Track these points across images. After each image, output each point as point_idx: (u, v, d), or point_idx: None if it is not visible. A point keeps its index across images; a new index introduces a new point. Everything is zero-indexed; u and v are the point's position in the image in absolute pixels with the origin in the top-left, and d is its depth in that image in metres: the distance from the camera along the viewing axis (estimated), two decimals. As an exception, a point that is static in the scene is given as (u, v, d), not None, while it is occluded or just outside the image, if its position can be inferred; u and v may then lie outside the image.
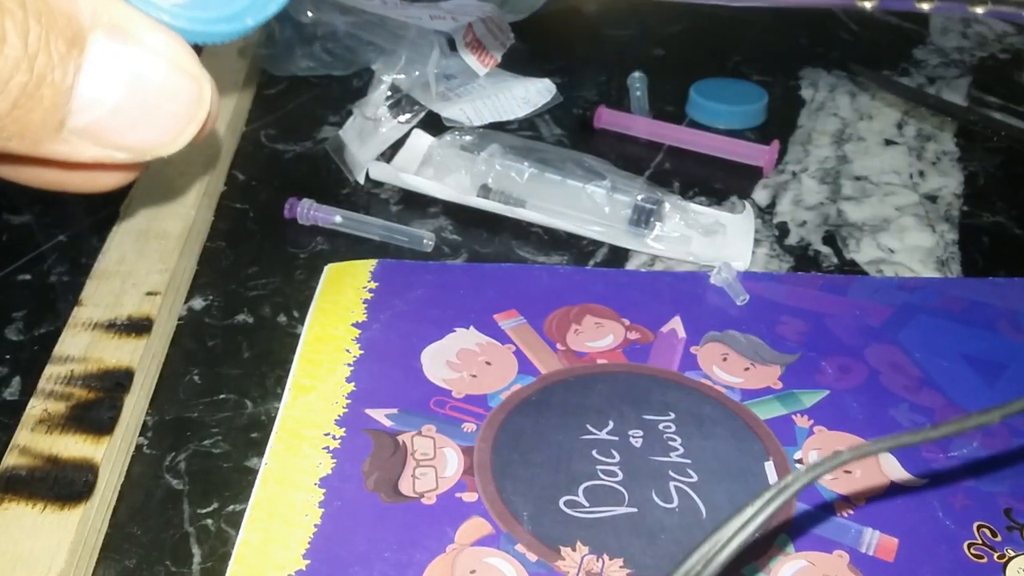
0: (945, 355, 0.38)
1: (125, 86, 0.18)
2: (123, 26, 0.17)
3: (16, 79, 0.16)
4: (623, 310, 0.39)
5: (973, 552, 0.30)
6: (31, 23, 0.16)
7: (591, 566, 0.29)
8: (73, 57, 0.17)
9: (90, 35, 0.17)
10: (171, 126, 0.19)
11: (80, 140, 0.18)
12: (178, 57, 0.18)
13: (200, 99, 0.19)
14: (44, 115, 0.17)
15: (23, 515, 0.28)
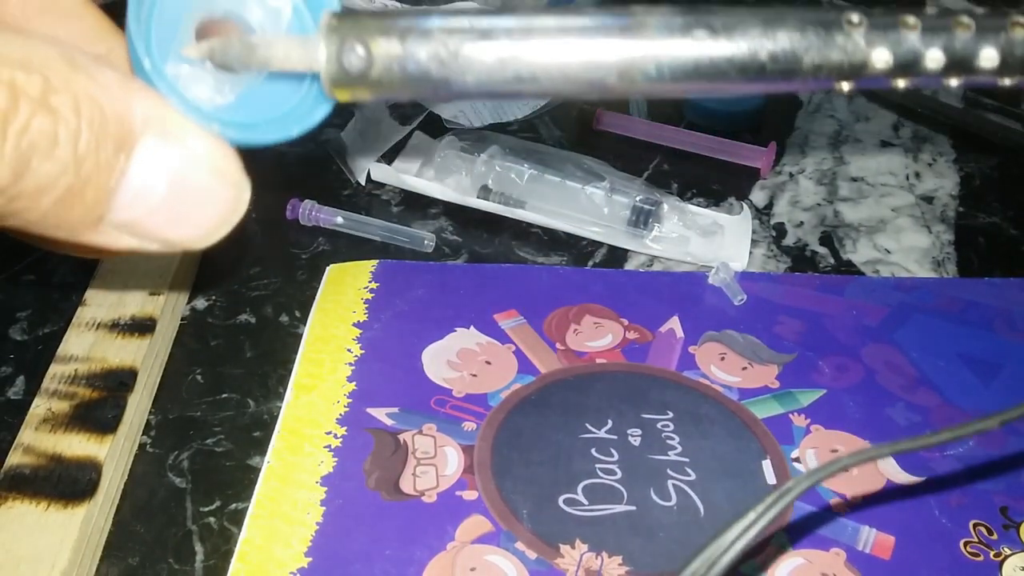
0: (941, 355, 0.38)
1: (166, 188, 0.18)
2: (170, 132, 0.18)
3: (63, 180, 0.17)
4: (622, 310, 0.39)
5: (969, 550, 0.30)
6: (83, 128, 0.17)
7: (590, 564, 0.29)
8: (120, 161, 0.17)
9: (138, 139, 0.18)
10: (207, 226, 0.19)
11: (117, 232, 0.18)
12: (220, 163, 0.19)
13: (237, 203, 0.19)
14: (85, 212, 0.18)
15: (27, 513, 0.29)
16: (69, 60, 0.17)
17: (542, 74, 0.18)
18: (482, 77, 0.18)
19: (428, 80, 0.18)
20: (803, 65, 0.18)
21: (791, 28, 0.18)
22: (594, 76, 0.18)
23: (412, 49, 0.18)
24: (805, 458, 0.33)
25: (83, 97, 0.17)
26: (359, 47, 0.18)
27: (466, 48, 0.18)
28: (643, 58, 0.18)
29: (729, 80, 0.18)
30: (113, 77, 0.17)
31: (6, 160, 0.16)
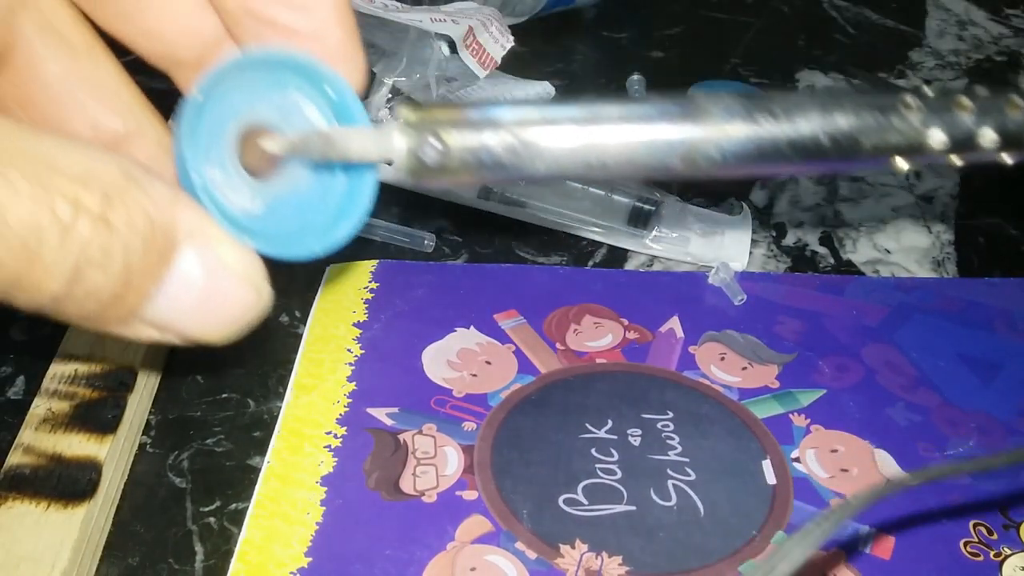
0: (941, 355, 0.38)
1: (196, 295, 0.19)
2: (208, 243, 0.19)
3: (109, 288, 0.17)
4: (622, 310, 0.39)
5: (969, 550, 0.30)
6: (134, 241, 0.17)
7: (590, 564, 0.29)
8: (161, 270, 0.18)
9: (179, 249, 0.19)
10: (227, 328, 0.20)
11: (143, 326, 0.19)
12: (249, 272, 0.20)
13: (258, 308, 0.21)
14: (121, 311, 0.18)
15: (27, 513, 0.29)
16: (126, 173, 0.17)
17: (610, 160, 0.19)
18: (552, 165, 0.19)
19: (501, 168, 0.19)
20: (862, 147, 0.19)
21: (849, 112, 0.19)
22: (659, 161, 0.19)
23: (485, 141, 0.19)
24: (805, 458, 0.33)
25: (136, 211, 0.17)
26: (435, 140, 0.19)
27: (537, 138, 0.19)
28: (705, 142, 0.19)
29: (789, 162, 0.19)
30: (163, 191, 0.18)
31: (63, 273, 0.17)
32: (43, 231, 0.16)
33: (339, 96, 0.21)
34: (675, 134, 0.19)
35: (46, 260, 0.16)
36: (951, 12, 0.69)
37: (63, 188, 0.16)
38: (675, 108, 0.19)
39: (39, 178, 0.16)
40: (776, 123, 0.19)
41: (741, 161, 0.19)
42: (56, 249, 0.16)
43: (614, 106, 0.19)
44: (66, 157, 0.17)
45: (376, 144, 0.19)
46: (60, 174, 0.16)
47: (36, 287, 0.17)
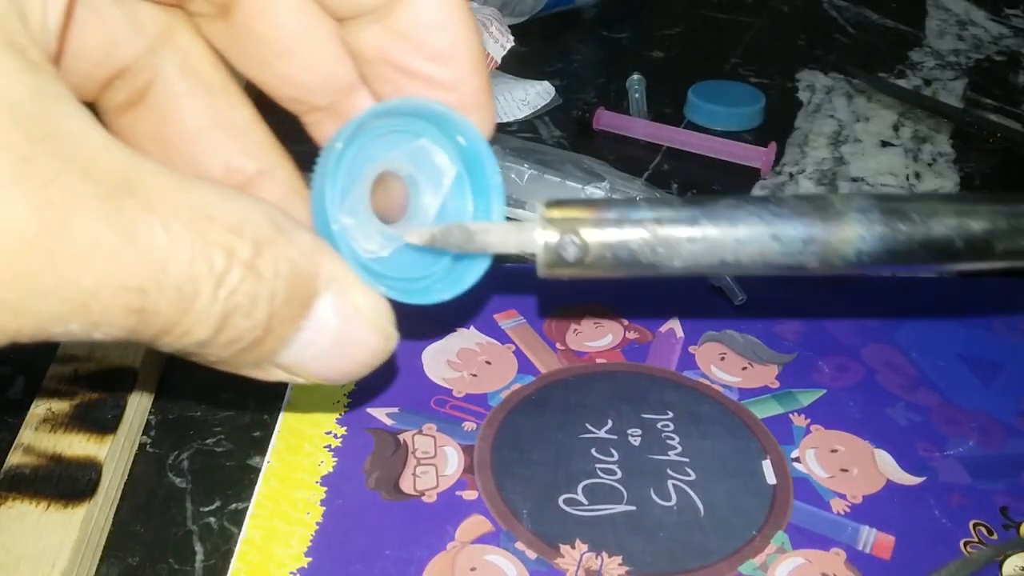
0: (941, 355, 0.38)
1: (330, 340, 0.20)
2: (346, 290, 0.20)
3: (251, 334, 0.18)
4: (622, 310, 0.39)
5: (970, 550, 0.30)
6: (279, 289, 0.18)
7: (590, 564, 0.29)
8: (301, 316, 0.19)
9: (318, 297, 0.19)
10: (354, 371, 0.21)
11: (275, 369, 0.20)
12: (380, 319, 0.21)
13: (385, 353, 0.21)
14: (258, 356, 0.19)
15: (27, 513, 0.29)
16: (274, 222, 0.18)
17: (746, 259, 0.19)
18: (689, 262, 0.19)
19: (637, 265, 0.19)
20: (995, 250, 0.19)
21: (983, 218, 0.19)
22: (795, 262, 0.19)
23: (624, 238, 0.19)
24: (805, 458, 0.33)
25: (283, 260, 0.18)
26: (575, 238, 0.19)
27: (674, 237, 0.19)
28: (843, 243, 0.19)
29: (923, 262, 0.19)
30: (307, 240, 0.19)
31: (212, 320, 0.17)
32: (199, 280, 0.16)
33: (470, 143, 0.22)
34: (811, 236, 0.19)
35: (199, 308, 0.17)
36: (951, 12, 0.69)
37: (219, 238, 0.17)
38: (812, 211, 0.19)
39: (198, 228, 0.16)
40: (912, 227, 0.19)
41: (876, 262, 0.19)
42: (209, 297, 0.17)
43: (752, 205, 0.19)
44: (222, 205, 0.17)
45: (516, 239, 0.20)
46: (217, 223, 0.17)
47: (186, 333, 0.17)
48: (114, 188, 0.16)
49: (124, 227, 0.15)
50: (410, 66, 0.22)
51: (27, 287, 0.15)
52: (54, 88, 0.16)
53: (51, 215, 0.15)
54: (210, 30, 0.23)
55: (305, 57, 0.23)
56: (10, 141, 0.15)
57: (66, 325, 0.16)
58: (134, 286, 0.16)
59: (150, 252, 0.16)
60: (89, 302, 0.15)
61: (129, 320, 0.16)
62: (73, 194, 0.15)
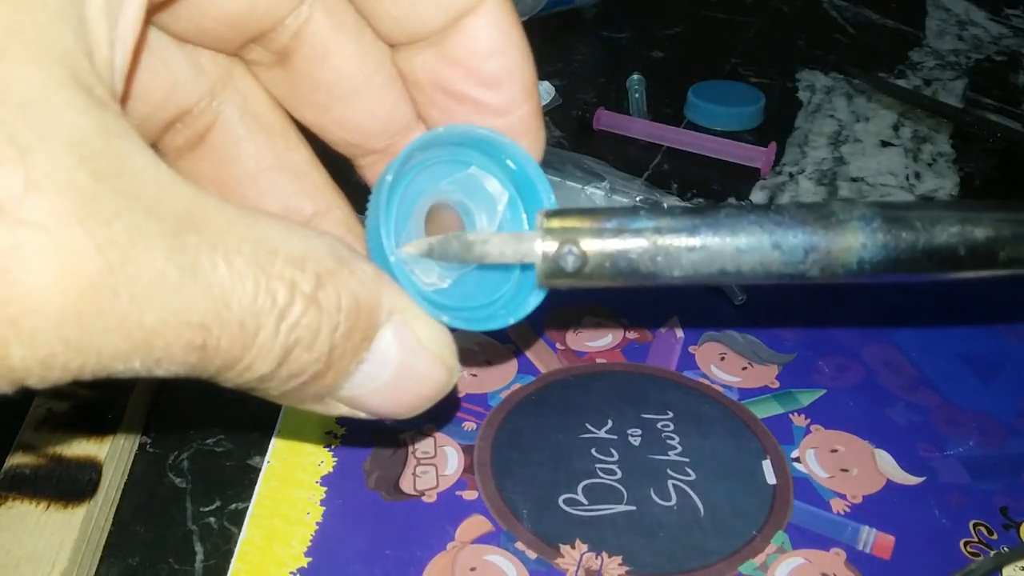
0: (941, 355, 0.38)
1: (393, 373, 0.19)
2: (407, 322, 0.19)
3: (313, 368, 0.18)
4: (622, 310, 0.39)
5: (969, 550, 0.30)
6: (341, 321, 0.18)
7: (590, 564, 0.29)
8: (363, 349, 0.19)
9: (380, 330, 0.19)
10: (416, 405, 0.21)
11: (336, 404, 0.20)
12: (442, 351, 0.20)
13: (447, 386, 0.21)
14: (319, 390, 0.19)
15: (27, 513, 0.29)
16: (336, 255, 0.18)
17: (746, 269, 0.19)
18: (688, 272, 0.19)
19: (636, 275, 0.19)
20: (998, 259, 0.19)
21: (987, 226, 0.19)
22: (796, 271, 0.19)
23: (624, 248, 0.19)
24: (805, 458, 0.33)
25: (344, 292, 0.18)
26: (574, 248, 0.19)
27: (674, 246, 0.19)
28: (845, 252, 0.19)
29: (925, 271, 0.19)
30: (369, 272, 0.19)
31: (274, 354, 0.17)
32: (262, 315, 0.16)
33: (519, 166, 0.22)
34: (812, 245, 0.19)
35: (260, 342, 0.17)
36: (951, 12, 0.69)
37: (281, 272, 0.17)
38: (814, 220, 0.19)
39: (260, 262, 0.16)
40: (915, 234, 0.19)
41: (878, 271, 0.19)
42: (271, 332, 0.17)
43: (753, 215, 0.19)
44: (283, 239, 0.17)
45: (515, 250, 0.20)
46: (279, 257, 0.17)
47: (248, 367, 0.17)
48: (178, 224, 0.16)
49: (187, 264, 0.15)
50: (462, 91, 0.22)
51: (90, 326, 0.15)
52: (119, 126, 0.16)
53: (115, 253, 0.15)
54: (267, 78, 0.23)
55: (364, 101, 0.23)
56: (75, 180, 0.15)
57: (128, 363, 0.16)
58: (196, 323, 0.16)
59: (212, 288, 0.16)
60: (151, 340, 0.15)
61: (191, 357, 0.16)
62: (137, 232, 0.15)
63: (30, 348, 0.14)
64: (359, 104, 0.23)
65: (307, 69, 0.22)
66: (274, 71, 0.23)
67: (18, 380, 0.15)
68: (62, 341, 0.15)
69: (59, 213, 0.14)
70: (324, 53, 0.22)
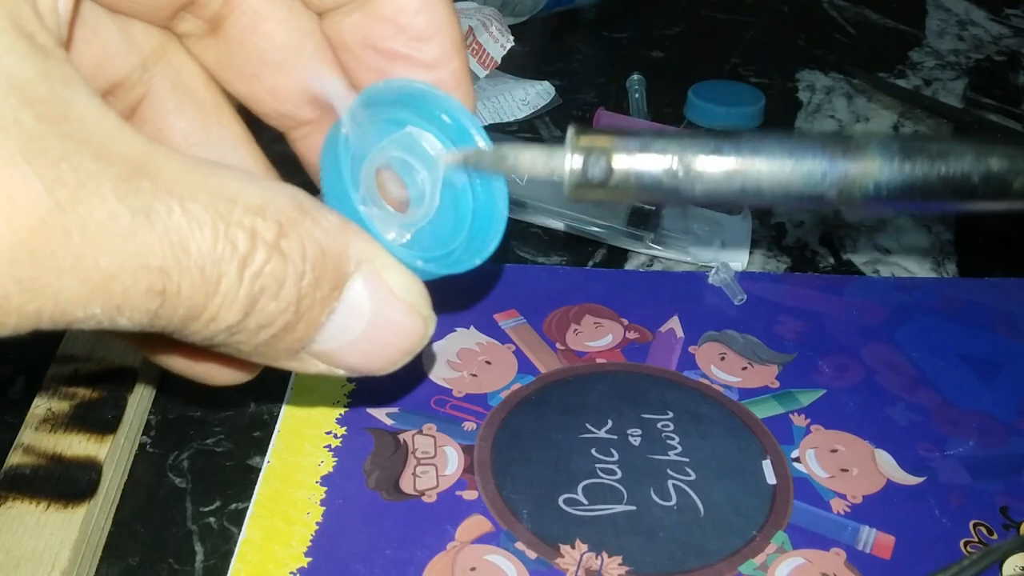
0: (941, 354, 0.38)
1: (366, 324, 0.19)
2: (378, 271, 0.19)
3: (282, 318, 0.18)
4: (622, 310, 0.39)
5: (970, 550, 0.30)
6: (307, 270, 0.17)
7: (590, 563, 0.29)
8: (333, 298, 0.18)
9: (350, 279, 0.19)
10: (393, 359, 0.21)
11: (311, 360, 0.19)
12: (416, 300, 0.20)
13: (424, 337, 0.21)
14: (292, 343, 0.18)
15: (27, 513, 0.29)
16: (298, 204, 0.18)
17: (766, 187, 0.20)
18: (710, 188, 0.20)
19: (659, 189, 0.20)
20: (1012, 188, 0.20)
21: (1002, 156, 0.20)
22: (815, 191, 0.20)
23: (649, 162, 0.20)
24: (805, 458, 0.33)
25: (309, 240, 0.18)
26: (602, 159, 0.20)
27: (698, 163, 0.20)
28: (864, 176, 0.20)
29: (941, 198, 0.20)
30: (334, 220, 0.18)
31: (240, 301, 0.17)
32: (223, 262, 0.16)
33: (453, 119, 0.22)
34: (831, 167, 0.20)
35: (224, 290, 0.16)
36: (951, 12, 0.69)
37: (241, 219, 0.16)
38: (835, 143, 0.20)
39: (219, 210, 0.16)
40: (932, 163, 0.20)
41: (894, 195, 0.20)
42: (234, 279, 0.16)
43: (775, 136, 0.20)
44: (242, 189, 0.17)
45: (545, 162, 0.20)
46: (238, 205, 0.16)
47: (213, 318, 0.17)
48: (129, 170, 0.15)
49: (141, 207, 0.15)
50: (392, 48, 0.22)
51: (44, 266, 0.14)
52: (64, 72, 0.15)
53: (64, 193, 0.14)
54: (199, 49, 0.23)
55: (296, 69, 0.23)
56: (19, 120, 0.14)
57: (88, 308, 0.15)
58: (155, 266, 0.15)
59: (169, 232, 0.15)
60: (109, 283, 0.15)
61: (152, 303, 0.16)
62: (86, 173, 0.15)
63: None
64: (290, 72, 0.23)
65: (238, 37, 0.22)
66: (206, 41, 0.23)
67: None
68: (15, 281, 0.14)
69: (3, 150, 0.14)
70: (255, 20, 0.22)
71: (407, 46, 0.22)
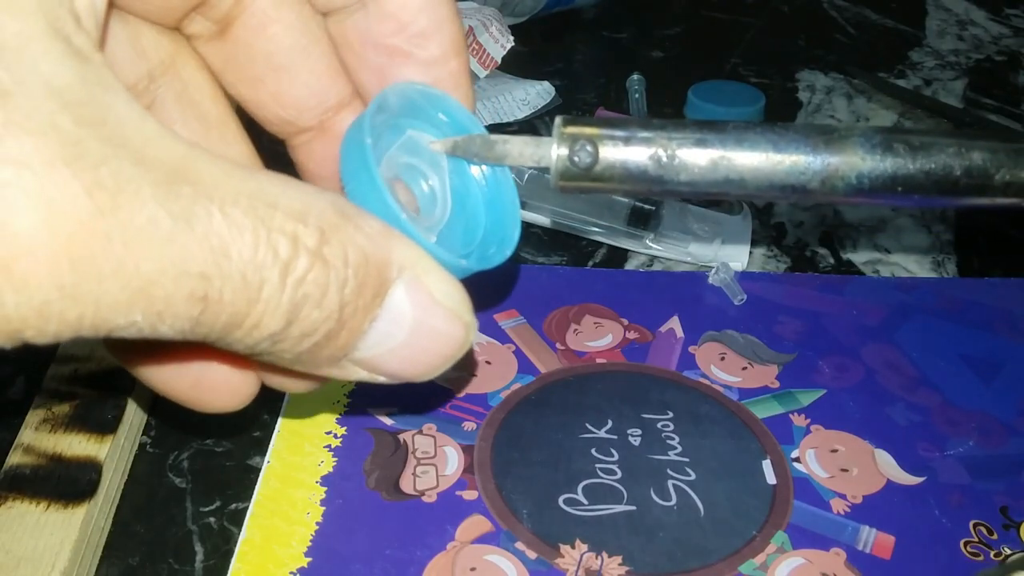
0: (941, 354, 0.38)
1: (408, 332, 0.19)
2: (420, 277, 0.19)
3: (325, 326, 0.17)
4: (622, 310, 0.39)
5: (970, 550, 0.30)
6: (350, 277, 0.17)
7: (590, 563, 0.29)
8: (375, 306, 0.18)
9: (392, 286, 0.18)
10: (435, 364, 0.20)
11: (353, 367, 0.19)
12: (458, 306, 0.20)
13: (465, 343, 0.20)
14: (334, 351, 0.18)
15: (27, 513, 0.29)
16: (339, 210, 0.17)
17: (749, 177, 0.20)
18: (695, 178, 0.20)
19: (645, 178, 0.20)
20: (994, 181, 0.20)
21: (984, 149, 0.20)
22: (798, 182, 0.20)
23: (635, 151, 0.20)
24: (805, 458, 0.33)
25: (351, 247, 0.17)
26: (588, 148, 0.20)
27: (682, 152, 0.20)
28: (846, 165, 0.20)
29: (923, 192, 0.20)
30: (376, 227, 0.18)
31: (282, 308, 0.16)
32: (264, 268, 0.16)
33: (451, 117, 0.22)
34: (814, 157, 0.20)
35: (266, 297, 0.16)
36: (951, 12, 0.69)
37: (282, 225, 0.16)
38: (817, 135, 0.20)
39: (259, 215, 0.16)
40: (913, 155, 0.20)
41: (876, 187, 0.20)
42: (276, 286, 0.16)
43: (759, 128, 0.20)
44: (282, 194, 0.17)
45: (533, 151, 0.21)
46: (279, 211, 0.16)
47: (256, 325, 0.16)
48: (168, 174, 0.15)
49: (181, 212, 0.15)
50: (394, 45, 0.22)
51: (85, 271, 0.14)
52: (101, 76, 0.15)
53: (103, 197, 0.14)
54: (207, 51, 0.23)
55: (301, 73, 0.23)
56: (58, 124, 0.14)
57: (129, 315, 0.15)
58: (196, 272, 0.15)
59: (210, 238, 0.15)
60: (150, 288, 0.15)
61: (194, 309, 0.16)
62: (126, 178, 0.15)
63: (24, 295, 0.14)
64: (296, 76, 0.23)
65: (246, 39, 0.22)
66: (214, 43, 0.23)
67: (15, 332, 0.14)
68: (57, 287, 0.14)
69: (43, 153, 0.14)
70: (263, 21, 0.22)
71: (408, 43, 0.22)
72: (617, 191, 0.21)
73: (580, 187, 0.21)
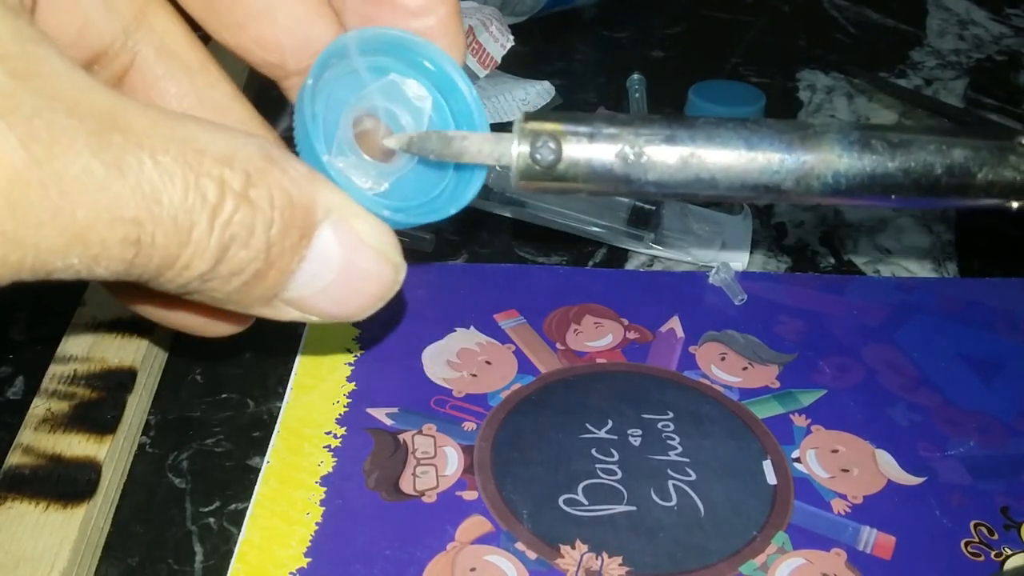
0: (942, 354, 0.38)
1: (337, 271, 0.20)
2: (346, 219, 0.19)
3: (253, 265, 0.18)
4: (622, 310, 0.39)
5: (970, 550, 0.30)
6: (276, 218, 0.18)
7: (590, 564, 0.29)
8: (302, 247, 0.19)
9: (319, 226, 0.19)
10: (365, 305, 0.21)
11: (285, 307, 0.20)
12: (386, 248, 0.20)
13: (395, 284, 0.21)
14: (264, 291, 0.19)
15: (26, 514, 0.29)
16: (265, 154, 0.18)
17: (721, 176, 0.19)
18: (664, 177, 0.19)
19: (611, 177, 0.19)
20: (976, 180, 0.19)
21: (965, 147, 0.19)
22: (771, 181, 0.19)
23: (599, 148, 0.19)
24: (806, 458, 0.33)
25: (276, 189, 0.18)
26: (550, 145, 0.19)
27: (650, 149, 0.19)
28: (821, 164, 0.19)
29: (903, 192, 0.19)
30: (302, 170, 0.19)
31: (211, 249, 0.17)
32: (194, 212, 0.17)
33: (437, 67, 0.22)
34: (789, 156, 0.19)
35: (195, 239, 0.17)
36: (952, 11, 0.69)
37: (210, 170, 0.17)
38: (792, 132, 0.19)
39: (188, 160, 0.17)
40: (892, 153, 0.19)
41: (854, 187, 0.19)
42: (205, 228, 0.17)
43: (731, 125, 0.19)
44: (210, 139, 0.17)
45: (493, 148, 0.20)
46: (207, 156, 0.17)
47: (186, 266, 0.17)
48: (100, 125, 0.16)
49: (113, 161, 0.16)
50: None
51: (23, 218, 0.15)
52: (32, 31, 0.16)
53: (38, 148, 0.15)
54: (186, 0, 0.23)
55: (282, 17, 0.23)
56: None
57: (67, 258, 0.16)
58: (129, 218, 0.16)
59: (141, 185, 0.16)
60: (86, 233, 0.16)
61: (127, 252, 0.16)
62: (59, 129, 0.15)
63: None
64: (276, 20, 0.23)
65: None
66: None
67: None
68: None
69: None
70: None
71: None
72: (581, 191, 0.20)
73: (542, 187, 0.20)
